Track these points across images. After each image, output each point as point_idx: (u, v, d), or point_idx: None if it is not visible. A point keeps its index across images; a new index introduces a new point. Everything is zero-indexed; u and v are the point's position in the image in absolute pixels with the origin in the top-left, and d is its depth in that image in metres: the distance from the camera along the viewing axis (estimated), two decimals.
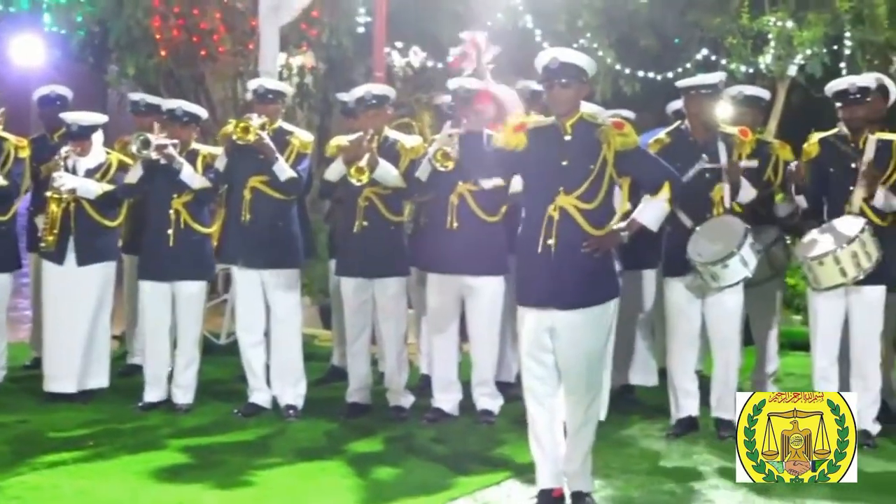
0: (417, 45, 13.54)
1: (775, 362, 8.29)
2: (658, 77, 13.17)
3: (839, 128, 7.25)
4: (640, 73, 13.30)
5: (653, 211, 5.86)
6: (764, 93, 8.37)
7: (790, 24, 12.81)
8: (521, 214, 5.81)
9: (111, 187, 7.96)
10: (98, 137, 8.10)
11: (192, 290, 7.91)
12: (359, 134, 7.51)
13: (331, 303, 9.12)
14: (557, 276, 5.54)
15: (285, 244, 7.76)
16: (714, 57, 13.32)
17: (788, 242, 8.02)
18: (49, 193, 7.90)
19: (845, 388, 6.99)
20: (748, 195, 7.17)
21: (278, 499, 6.08)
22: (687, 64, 13.17)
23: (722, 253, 6.85)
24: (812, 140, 7.27)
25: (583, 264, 5.58)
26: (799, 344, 9.20)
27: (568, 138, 5.64)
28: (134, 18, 12.16)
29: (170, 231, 7.79)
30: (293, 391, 7.80)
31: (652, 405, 7.95)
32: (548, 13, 12.67)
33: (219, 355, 9.45)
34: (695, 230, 7.05)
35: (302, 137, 7.80)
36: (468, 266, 7.41)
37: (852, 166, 7.10)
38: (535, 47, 10.46)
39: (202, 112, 8.20)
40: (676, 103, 8.33)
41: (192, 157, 7.83)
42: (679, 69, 12.92)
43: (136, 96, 9.29)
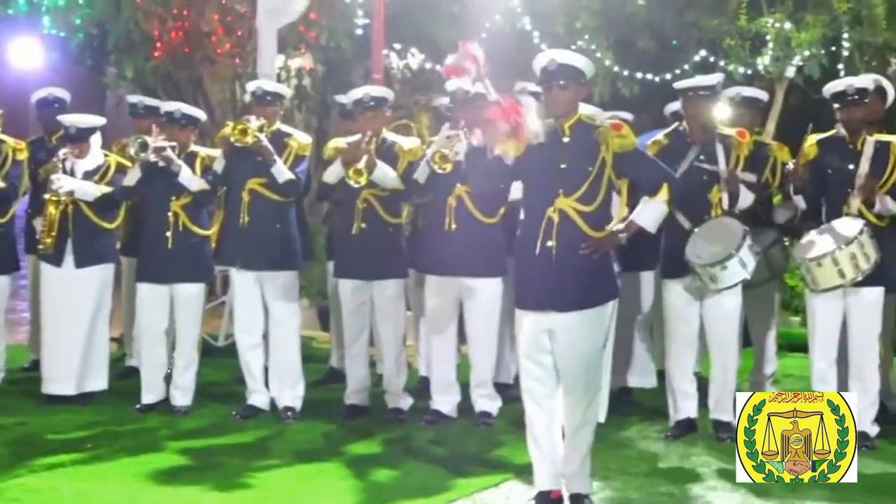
0: (415, 47, 13.54)
1: (774, 364, 8.30)
2: (656, 79, 13.16)
3: (837, 129, 7.25)
4: (639, 75, 13.30)
5: (651, 212, 5.87)
6: (762, 94, 8.38)
7: (788, 26, 12.80)
8: (520, 216, 5.81)
9: (109, 189, 7.96)
10: (96, 140, 8.09)
11: (191, 293, 7.91)
12: (357, 136, 7.51)
13: (329, 305, 9.12)
14: (557, 279, 5.54)
15: (283, 246, 7.76)
16: (712, 58, 13.32)
17: (787, 244, 8.01)
18: (47, 195, 7.90)
19: (843, 390, 6.97)
20: (746, 201, 7.17)
21: (277, 500, 6.08)
22: (685, 65, 13.16)
23: (721, 255, 6.85)
24: (810, 141, 7.27)
25: (583, 266, 5.58)
26: (797, 345, 9.19)
27: (566, 140, 5.64)
28: (133, 21, 12.15)
29: (168, 233, 7.79)
30: (291, 393, 7.80)
31: (650, 407, 7.95)
32: (546, 15, 12.66)
33: (217, 357, 9.45)
34: (693, 232, 7.05)
35: (300, 139, 7.80)
36: (466, 268, 7.40)
37: (850, 167, 7.10)
38: (534, 49, 10.47)
39: (201, 114, 8.21)
40: (674, 105, 8.34)
41: (191, 160, 7.83)
42: (677, 70, 12.92)
43: (135, 98, 9.28)
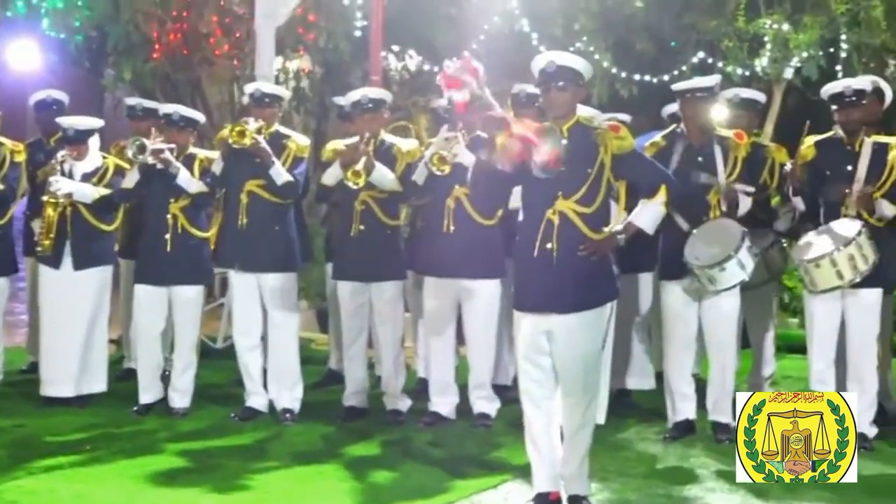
0: (413, 49, 13.54)
1: (772, 365, 8.30)
2: (654, 80, 13.16)
3: (835, 130, 7.25)
4: (637, 77, 13.30)
5: (649, 214, 5.87)
6: (760, 96, 8.38)
7: (786, 27, 12.81)
8: (519, 218, 5.81)
9: (108, 191, 7.96)
10: (94, 142, 8.09)
11: (190, 295, 7.90)
12: (355, 138, 7.51)
13: (328, 306, 9.12)
14: (557, 280, 5.54)
15: (282, 248, 7.75)
16: (710, 60, 13.31)
17: (785, 245, 8.02)
18: (45, 198, 7.90)
19: (842, 391, 6.95)
20: (745, 206, 7.18)
21: (275, 502, 6.08)
22: (683, 67, 13.16)
23: (719, 256, 6.85)
24: (808, 143, 7.27)
25: (583, 268, 5.57)
26: (795, 347, 9.19)
27: (565, 142, 5.64)
28: (132, 23, 12.15)
29: (167, 236, 7.78)
30: (290, 395, 7.80)
31: (648, 408, 7.95)
32: (544, 16, 12.65)
33: (216, 359, 9.45)
34: (691, 233, 7.05)
35: (298, 141, 7.80)
36: (464, 269, 7.40)
37: (848, 169, 7.10)
38: (532, 51, 10.45)
39: (199, 116, 8.22)
40: (672, 107, 8.34)
41: (190, 162, 7.82)
42: (675, 72, 12.92)
43: (133, 101, 9.27)
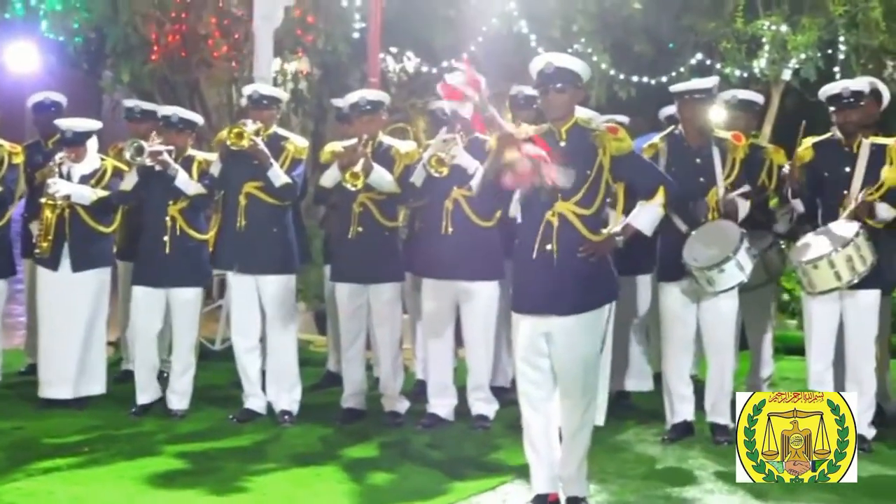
0: (412, 51, 13.53)
1: (770, 366, 8.30)
2: (652, 82, 13.17)
3: (833, 132, 7.26)
4: (635, 78, 13.31)
5: (647, 215, 5.88)
6: (758, 97, 8.38)
7: (784, 29, 12.83)
8: (517, 221, 5.81)
9: (106, 193, 7.96)
10: (92, 144, 8.09)
11: (188, 297, 7.90)
12: (353, 140, 7.51)
13: (326, 308, 9.11)
14: (557, 282, 5.54)
15: (280, 250, 7.75)
16: (708, 61, 13.34)
17: (783, 247, 8.02)
18: (44, 200, 7.90)
19: (841, 392, 6.97)
20: (744, 210, 7.18)
21: None
22: (681, 68, 13.18)
23: (718, 257, 6.85)
24: (805, 144, 7.27)
25: (583, 269, 5.58)
26: (794, 348, 9.20)
27: (563, 144, 5.64)
28: (131, 25, 12.15)
29: (166, 238, 7.78)
30: (288, 397, 7.80)
31: (647, 410, 7.94)
32: (543, 18, 12.66)
33: (214, 361, 9.44)
34: (690, 235, 7.06)
35: (297, 143, 7.79)
36: (463, 271, 7.40)
37: (846, 170, 7.11)
38: (530, 52, 10.46)
39: (198, 118, 8.21)
40: (669, 109, 8.35)
41: (188, 164, 7.82)
42: (673, 74, 12.94)
43: (131, 103, 9.25)
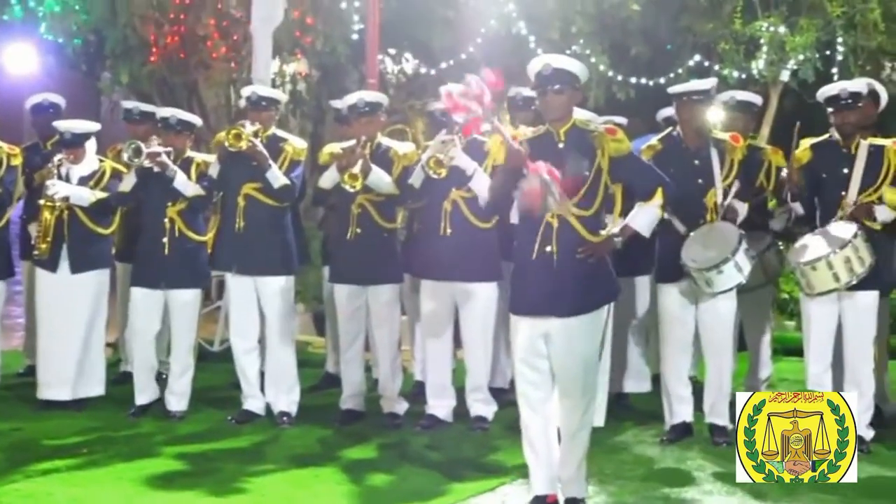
0: (410, 52, 13.54)
1: (769, 368, 8.30)
2: (650, 83, 13.19)
3: (831, 133, 7.26)
4: (633, 80, 13.32)
5: (645, 216, 5.88)
6: (756, 98, 8.37)
7: (783, 30, 12.84)
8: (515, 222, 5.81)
9: (104, 195, 7.96)
10: (91, 145, 8.09)
11: (187, 298, 7.90)
12: (352, 142, 7.51)
13: (324, 310, 9.11)
14: (557, 284, 5.53)
15: (279, 251, 7.75)
16: (706, 62, 13.35)
17: (782, 248, 8.02)
18: (42, 201, 7.90)
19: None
20: (743, 213, 7.19)
21: None
22: (679, 70, 13.19)
23: (717, 259, 6.85)
24: (803, 146, 7.27)
25: (583, 270, 5.57)
26: (792, 349, 9.20)
27: (562, 146, 5.64)
28: (129, 26, 12.15)
29: (164, 239, 7.78)
30: (287, 398, 7.80)
31: (646, 411, 7.94)
32: (541, 19, 12.68)
33: (213, 362, 9.44)
34: (688, 236, 7.06)
35: (295, 144, 7.79)
36: (461, 272, 7.40)
37: (845, 171, 7.11)
38: (529, 54, 10.46)
39: (196, 120, 8.21)
40: (666, 111, 8.35)
41: (187, 165, 7.82)
42: (671, 75, 12.95)
43: (130, 104, 9.26)
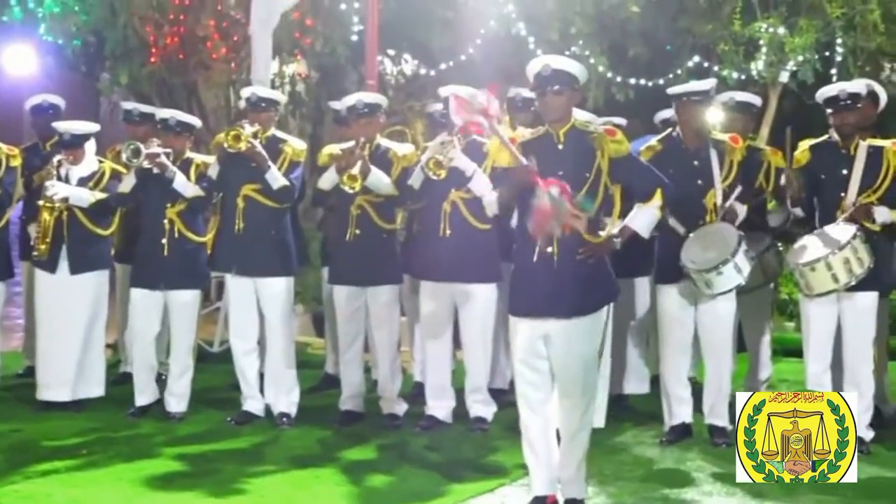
0: (409, 54, 13.55)
1: (768, 368, 8.30)
2: (650, 84, 13.20)
3: (830, 134, 7.26)
4: (632, 81, 13.33)
5: (644, 217, 5.87)
6: (755, 99, 8.37)
7: (782, 31, 12.85)
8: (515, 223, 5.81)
9: (104, 196, 7.96)
10: (90, 146, 8.09)
11: (186, 299, 7.90)
12: (351, 143, 7.51)
13: (324, 311, 9.12)
14: (558, 285, 5.52)
15: (278, 252, 7.75)
16: (706, 63, 13.36)
17: (781, 249, 8.02)
18: (41, 202, 7.90)
19: None
20: (742, 214, 7.20)
21: None
22: (678, 71, 13.20)
23: (716, 260, 6.85)
24: (802, 147, 7.28)
25: (583, 271, 5.57)
26: (792, 350, 9.20)
27: (561, 147, 5.64)
28: (129, 27, 12.15)
29: (164, 240, 7.78)
30: (286, 399, 7.80)
31: (645, 412, 7.94)
32: (540, 20, 12.69)
33: (212, 363, 9.45)
34: (688, 237, 7.06)
35: (295, 146, 7.79)
36: (461, 273, 7.40)
37: (844, 172, 7.11)
38: (528, 54, 10.47)
39: (196, 121, 8.21)
40: (664, 113, 8.36)
41: (186, 166, 7.82)
42: (670, 76, 12.96)
43: (129, 105, 9.27)
